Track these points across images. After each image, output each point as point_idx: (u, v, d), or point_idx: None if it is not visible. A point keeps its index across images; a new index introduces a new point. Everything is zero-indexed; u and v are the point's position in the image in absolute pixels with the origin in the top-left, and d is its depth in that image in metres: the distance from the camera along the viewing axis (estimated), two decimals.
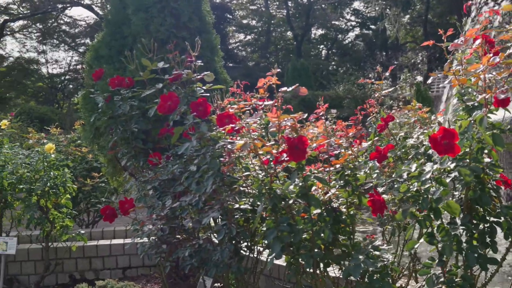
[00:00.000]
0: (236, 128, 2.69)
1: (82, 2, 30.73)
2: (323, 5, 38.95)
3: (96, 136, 5.16)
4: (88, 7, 31.07)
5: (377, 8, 34.97)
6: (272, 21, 39.99)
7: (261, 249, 3.68)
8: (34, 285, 5.54)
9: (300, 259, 2.80)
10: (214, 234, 3.41)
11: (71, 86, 34.93)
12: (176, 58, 3.68)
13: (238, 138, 2.91)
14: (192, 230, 3.58)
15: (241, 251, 3.25)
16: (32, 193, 5.26)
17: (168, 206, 3.21)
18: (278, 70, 2.69)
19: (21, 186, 5.24)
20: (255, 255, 3.63)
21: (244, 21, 41.27)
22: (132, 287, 4.90)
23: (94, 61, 5.29)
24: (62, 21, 32.80)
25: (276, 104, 2.63)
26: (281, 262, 3.54)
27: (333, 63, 41.66)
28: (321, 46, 43.94)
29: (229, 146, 2.89)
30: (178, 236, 3.51)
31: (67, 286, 5.79)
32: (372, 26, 39.96)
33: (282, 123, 2.67)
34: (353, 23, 42.43)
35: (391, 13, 32.73)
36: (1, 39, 30.98)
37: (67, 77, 34.47)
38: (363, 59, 40.44)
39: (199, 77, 3.33)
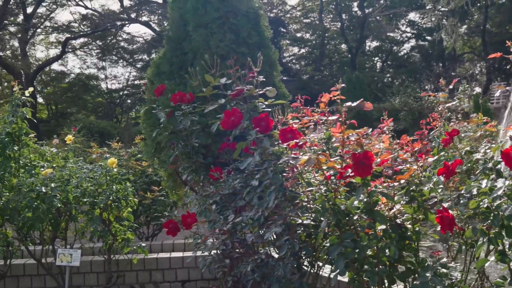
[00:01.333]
0: (300, 143, 2.68)
1: (140, 19, 31.50)
2: (377, 17, 38.61)
3: (157, 151, 5.26)
4: (146, 24, 31.81)
5: (433, 19, 34.37)
6: (326, 34, 39.89)
7: (320, 264, 3.65)
8: None
9: (364, 276, 2.77)
10: (273, 249, 3.41)
11: (129, 101, 35.78)
12: (236, 73, 3.72)
13: (301, 153, 2.90)
14: (252, 245, 3.60)
15: (303, 267, 3.23)
16: (95, 206, 5.39)
17: (230, 221, 3.23)
18: (343, 85, 2.68)
19: (85, 200, 5.37)
20: (315, 271, 3.61)
21: (298, 35, 41.35)
22: None
23: (155, 77, 5.40)
24: (120, 38, 33.72)
25: (340, 119, 2.62)
26: (341, 277, 3.51)
27: (388, 75, 41.18)
28: (376, 58, 43.55)
29: (292, 161, 2.89)
30: (237, 251, 3.52)
31: None
32: (428, 37, 39.34)
33: (347, 138, 2.65)
34: (409, 35, 41.90)
35: (448, 23, 32.11)
36: (63, 57, 32.07)
37: (125, 92, 35.32)
38: (419, 70, 39.82)
39: (261, 92, 3.35)
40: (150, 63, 5.62)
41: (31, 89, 5.50)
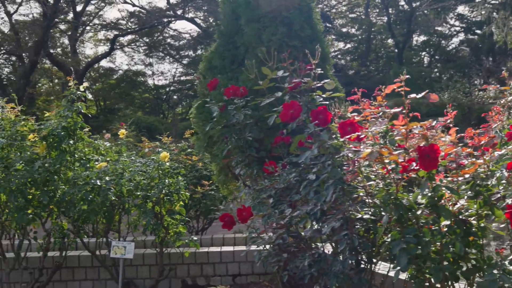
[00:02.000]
0: (362, 136, 2.63)
1: (186, 15, 31.74)
2: (425, 11, 37.86)
3: (209, 145, 5.27)
4: (191, 20, 32.03)
5: (483, 12, 33.47)
6: (372, 29, 39.35)
7: (374, 260, 3.58)
8: None
9: (427, 273, 2.69)
10: (325, 245, 3.37)
11: (175, 97, 36.13)
12: (290, 67, 3.69)
13: (361, 146, 2.85)
14: (307, 240, 3.56)
15: (361, 263, 3.18)
16: (148, 199, 5.45)
17: (288, 215, 3.19)
18: (408, 76, 2.61)
19: (138, 193, 5.43)
20: (370, 267, 3.54)
21: (344, 30, 40.93)
22: None
23: (207, 71, 5.42)
24: (167, 35, 34.02)
25: (403, 111, 2.55)
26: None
27: (436, 70, 40.34)
28: (423, 53, 42.71)
29: (350, 154, 2.84)
30: (294, 245, 3.49)
31: None
32: (478, 31, 38.35)
33: (410, 131, 2.58)
34: (457, 28, 40.93)
35: (499, 16, 31.21)
36: (112, 53, 32.61)
37: (171, 88, 35.69)
38: (468, 65, 38.87)
39: (319, 85, 3.31)
40: (202, 57, 5.64)
41: (85, 84, 5.58)
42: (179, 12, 31.87)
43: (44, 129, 5.22)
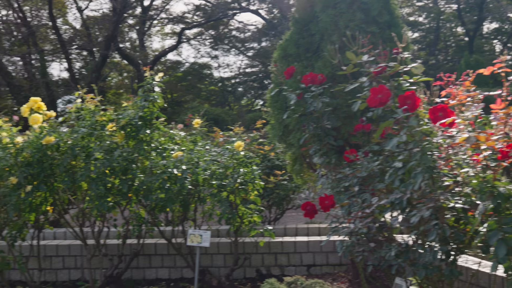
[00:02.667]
0: (457, 120, 2.51)
1: (251, 7, 31.79)
2: None
3: (285, 134, 5.22)
4: (256, 12, 32.05)
5: None
6: (441, 17, 38.21)
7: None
8: (225, 277, 5.75)
9: None
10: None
11: (240, 88, 36.32)
12: (371, 52, 3.59)
13: (454, 132, 2.72)
14: (391, 230, 3.46)
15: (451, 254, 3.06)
16: (223, 189, 5.46)
17: (375, 203, 3.11)
18: (509, 57, 2.47)
19: (213, 182, 5.46)
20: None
21: (411, 18, 39.93)
22: (322, 285, 4.88)
23: (281, 60, 5.36)
24: (232, 27, 34.20)
25: (502, 94, 2.42)
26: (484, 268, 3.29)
27: (508, 57, 38.79)
28: (495, 41, 41.16)
29: (441, 140, 2.72)
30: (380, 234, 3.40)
31: (254, 281, 5.94)
32: None
33: (508, 116, 2.44)
34: None
35: None
36: (178, 47, 33.09)
37: (237, 80, 35.89)
38: None
39: (406, 69, 3.20)
40: (276, 46, 5.59)
41: (160, 74, 5.64)
42: (243, 4, 31.95)
43: (122, 119, 5.31)
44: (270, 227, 5.69)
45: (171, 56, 35.79)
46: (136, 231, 5.57)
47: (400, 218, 3.13)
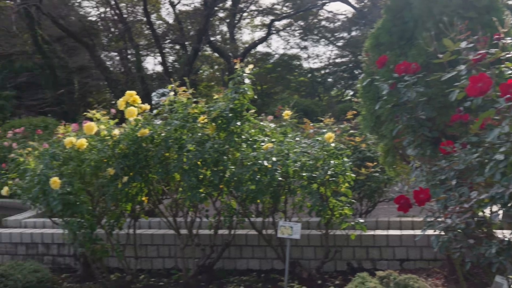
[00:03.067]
0: None
1: None
2: None
3: (377, 125, 5.09)
4: (345, 1, 31.53)
5: None
6: None
7: None
8: (315, 270, 5.71)
9: None
10: None
11: (330, 79, 35.99)
12: (468, 39, 3.41)
13: None
14: (490, 226, 3.28)
15: None
16: (313, 181, 5.42)
17: (474, 198, 2.95)
18: None
19: (303, 174, 5.42)
20: None
21: (510, 2, 37.96)
22: (416, 280, 4.72)
23: (373, 49, 5.22)
24: (321, 17, 33.88)
25: None
26: None
27: None
28: None
29: None
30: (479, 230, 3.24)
31: (345, 274, 5.87)
32: None
33: None
34: None
35: None
36: (268, 38, 33.22)
37: (326, 70, 35.59)
38: None
39: (509, 55, 3.01)
40: (367, 35, 5.45)
41: (250, 66, 5.65)
42: None
43: (213, 111, 5.38)
44: (361, 220, 5.59)
45: (260, 48, 36.07)
46: (228, 222, 5.65)
47: (501, 213, 2.97)
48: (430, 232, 3.63)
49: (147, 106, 5.59)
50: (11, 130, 13.70)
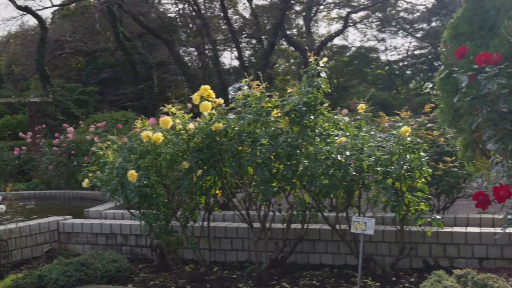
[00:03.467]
0: None
1: None
2: None
3: (455, 118, 4.91)
4: None
5: None
6: None
7: None
8: (389, 266, 5.60)
9: None
10: None
11: (408, 71, 35.15)
12: None
13: None
14: None
15: None
16: (388, 175, 5.30)
17: None
18: None
19: (378, 169, 5.32)
20: None
21: None
22: (495, 280, 4.53)
23: (452, 39, 5.03)
24: (400, 8, 33.12)
25: None
26: None
27: None
28: None
29: None
30: None
31: (420, 271, 5.71)
32: None
33: None
34: None
35: None
36: (344, 31, 32.86)
37: (404, 63, 34.78)
38: None
39: None
40: (447, 25, 5.27)
41: (325, 59, 5.59)
42: None
43: (286, 105, 5.37)
44: (438, 216, 5.43)
45: (337, 40, 35.73)
46: (300, 216, 5.63)
47: None
48: (511, 230, 3.48)
49: (221, 101, 5.65)
50: (93, 124, 14.25)
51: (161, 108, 5.87)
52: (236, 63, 36.10)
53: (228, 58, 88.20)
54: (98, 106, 25.47)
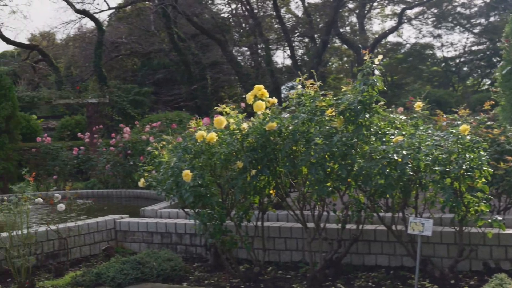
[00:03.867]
0: None
1: None
2: None
3: None
4: None
5: None
6: None
7: None
8: (448, 269, 5.45)
9: None
10: None
11: (465, 68, 34.27)
12: None
13: None
14: None
15: None
16: (446, 175, 5.16)
17: None
18: None
19: (436, 168, 5.18)
20: None
21: None
22: None
23: None
24: (456, 3, 32.34)
25: None
26: None
27: None
28: None
29: None
30: None
31: (480, 274, 5.54)
32: None
33: None
34: None
35: None
36: (399, 28, 32.32)
37: (461, 59, 33.91)
38: None
39: None
40: (508, 19, 5.09)
41: (380, 56, 5.50)
42: None
43: (341, 104, 5.30)
44: (499, 218, 5.24)
45: (391, 38, 35.22)
46: (355, 216, 5.55)
47: None
48: None
49: (274, 100, 5.63)
50: (148, 124, 14.48)
51: (215, 108, 5.90)
52: (288, 62, 36.10)
53: (281, 57, 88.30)
54: (153, 107, 25.90)
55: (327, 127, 5.34)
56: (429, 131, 5.64)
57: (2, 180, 14.73)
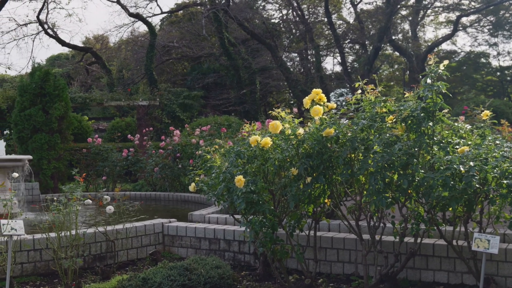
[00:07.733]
0: None
1: None
2: None
3: None
4: None
5: None
6: None
7: None
8: None
9: None
10: None
11: None
12: None
13: None
14: None
15: None
16: None
17: None
18: None
19: (503, 182, 4.85)
20: None
21: None
22: None
23: None
24: None
25: None
26: None
27: None
28: None
29: None
30: None
31: None
32: None
33: None
34: None
35: None
36: (454, 35, 31.52)
37: None
38: None
39: None
40: None
41: (446, 62, 5.20)
42: None
43: (403, 111, 5.03)
44: None
45: (445, 45, 34.39)
46: (415, 229, 5.25)
47: None
48: None
49: (333, 105, 5.39)
50: (198, 128, 14.42)
51: (269, 112, 5.71)
52: (338, 68, 35.72)
53: (330, 64, 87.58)
54: (202, 110, 25.97)
55: (388, 135, 5.07)
56: (498, 142, 5.31)
57: (53, 179, 14.92)
